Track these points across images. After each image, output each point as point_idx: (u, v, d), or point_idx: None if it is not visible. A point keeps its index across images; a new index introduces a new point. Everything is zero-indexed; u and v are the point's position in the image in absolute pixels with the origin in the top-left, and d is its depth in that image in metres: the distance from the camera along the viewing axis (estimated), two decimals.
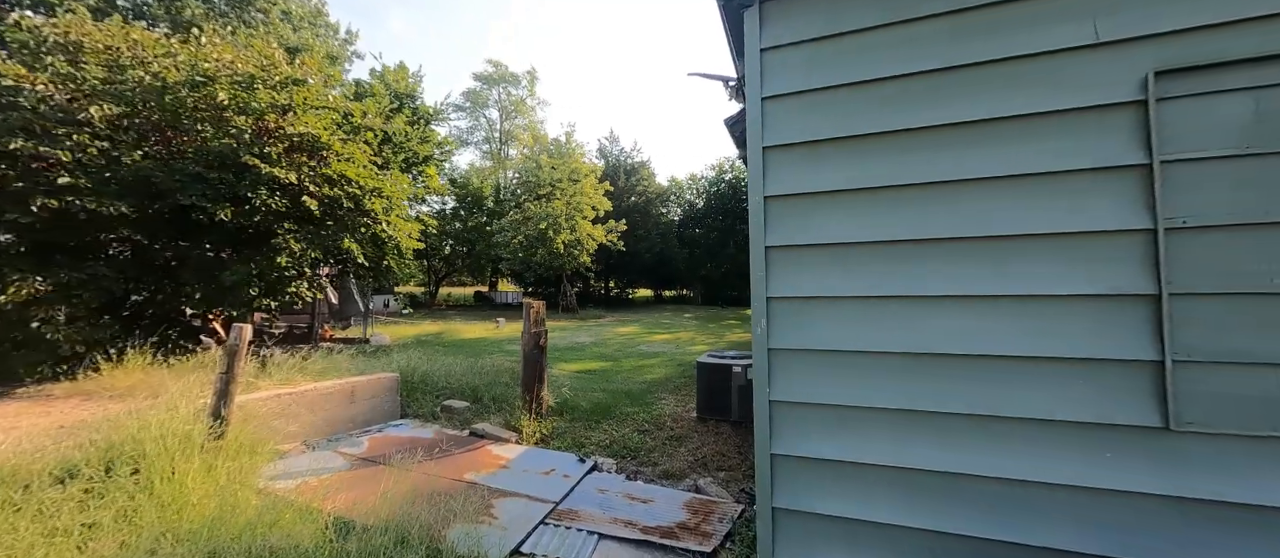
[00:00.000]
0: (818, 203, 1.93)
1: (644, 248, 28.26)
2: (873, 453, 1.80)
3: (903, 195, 1.83)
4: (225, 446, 3.20)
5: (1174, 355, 1.52)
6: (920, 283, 1.78)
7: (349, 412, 4.61)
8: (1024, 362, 1.67)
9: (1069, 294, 1.63)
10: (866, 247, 1.86)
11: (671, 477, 4.39)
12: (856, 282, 1.86)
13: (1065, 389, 1.62)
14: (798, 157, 1.97)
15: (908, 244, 1.81)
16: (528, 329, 5.30)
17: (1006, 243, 1.70)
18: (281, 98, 6.81)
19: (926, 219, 1.79)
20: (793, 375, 1.93)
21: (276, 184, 6.57)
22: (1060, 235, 1.65)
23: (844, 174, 1.90)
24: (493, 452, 4.38)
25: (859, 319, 1.85)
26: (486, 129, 39.27)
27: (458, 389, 6.11)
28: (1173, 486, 1.51)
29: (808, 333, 1.91)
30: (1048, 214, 1.66)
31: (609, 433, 5.35)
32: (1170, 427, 1.51)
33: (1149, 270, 1.56)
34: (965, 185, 1.75)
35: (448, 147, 25.80)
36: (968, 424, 1.71)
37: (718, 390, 5.80)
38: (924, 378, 1.76)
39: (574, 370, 9.21)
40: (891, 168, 1.84)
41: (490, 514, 3.27)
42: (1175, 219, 1.54)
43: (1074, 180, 1.64)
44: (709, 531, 3.27)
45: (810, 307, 1.92)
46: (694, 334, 15.52)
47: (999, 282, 1.70)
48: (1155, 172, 1.55)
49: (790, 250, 1.96)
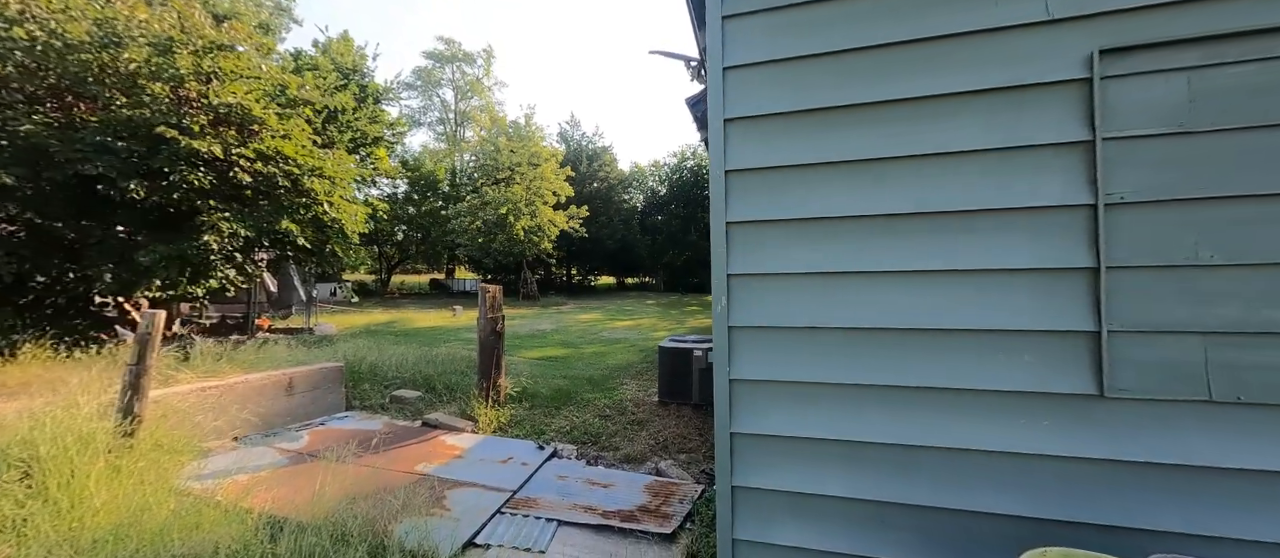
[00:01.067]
0: (778, 177, 1.89)
1: (606, 235, 28.02)
2: (828, 428, 1.80)
3: (857, 170, 1.81)
4: (138, 445, 2.89)
5: (1109, 326, 1.59)
6: (874, 258, 1.78)
7: (286, 405, 4.29)
8: (972, 335, 1.70)
9: (1015, 268, 1.67)
10: (823, 222, 1.84)
11: (632, 461, 4.37)
12: (815, 257, 1.84)
13: (1010, 361, 1.67)
14: (759, 130, 1.92)
15: (862, 220, 1.80)
16: (484, 315, 5.10)
17: (956, 218, 1.72)
18: (205, 64, 6.17)
19: (880, 194, 1.78)
20: (752, 353, 1.90)
21: (199, 159, 5.99)
22: (1007, 211, 1.68)
23: (802, 148, 1.87)
24: (447, 442, 4.21)
25: (817, 295, 1.84)
26: (440, 110, 37.61)
27: (409, 379, 5.83)
28: (1106, 449, 1.58)
29: (767, 310, 1.88)
30: (997, 189, 1.69)
31: (570, 419, 5.26)
32: (1104, 394, 1.59)
33: (1089, 244, 1.62)
34: (916, 161, 1.75)
35: (399, 128, 24.46)
36: (918, 397, 1.74)
37: (679, 374, 5.82)
38: (878, 353, 1.77)
39: (535, 358, 9.03)
40: (846, 143, 1.82)
41: (442, 506, 3.12)
42: (1114, 195, 1.60)
43: (1022, 156, 1.67)
44: (669, 512, 3.27)
45: (770, 283, 1.89)
46: (656, 320, 15.59)
47: (948, 256, 1.72)
48: (1098, 148, 1.60)
49: (751, 226, 1.92)
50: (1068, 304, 1.64)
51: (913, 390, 1.74)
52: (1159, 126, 1.58)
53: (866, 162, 1.81)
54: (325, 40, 22.34)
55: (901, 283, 1.76)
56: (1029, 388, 1.66)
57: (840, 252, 1.82)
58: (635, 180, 34.73)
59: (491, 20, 67.75)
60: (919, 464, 1.73)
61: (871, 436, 1.76)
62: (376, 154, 22.32)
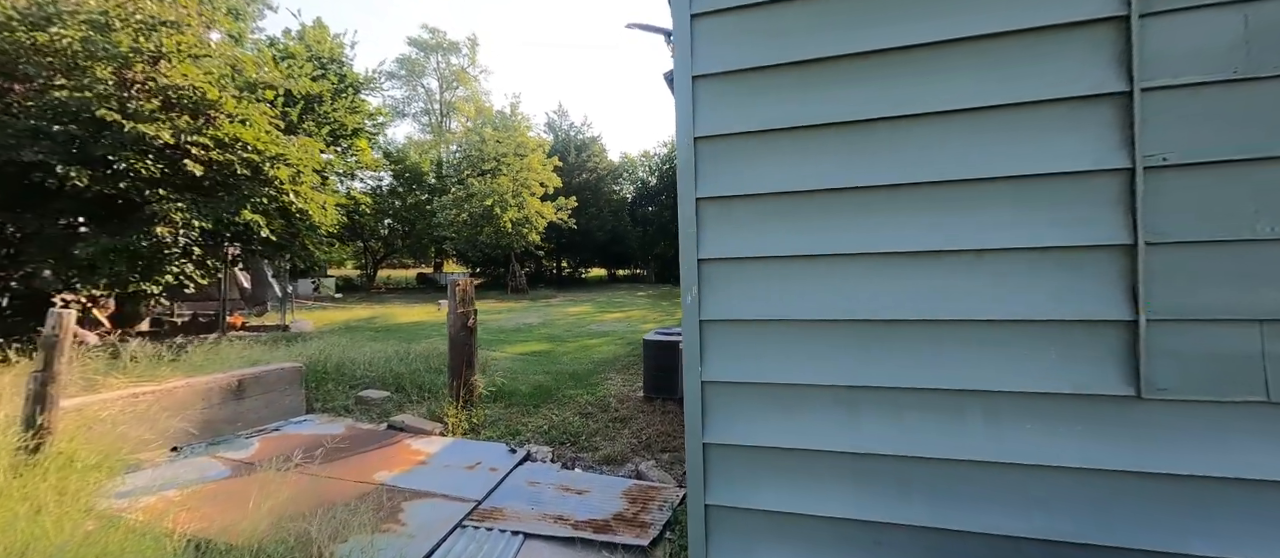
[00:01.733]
0: (754, 144, 1.61)
1: (596, 226, 27.64)
2: (816, 437, 1.54)
3: (848, 135, 1.53)
4: (47, 460, 2.57)
5: (1148, 314, 1.33)
6: (865, 237, 1.51)
7: (236, 410, 3.96)
8: (983, 327, 1.44)
9: (1034, 247, 1.41)
10: (809, 197, 1.56)
11: (612, 462, 4.11)
12: (797, 238, 1.56)
13: (1028, 357, 1.41)
14: (732, 89, 1.63)
15: (851, 193, 1.53)
16: (454, 309, 4.79)
17: (962, 189, 1.45)
18: (147, 43, 5.73)
19: (875, 162, 1.51)
20: (727, 351, 1.62)
21: (147, 145, 5.57)
22: (1023, 179, 1.41)
23: (783, 110, 1.58)
24: (411, 447, 3.91)
25: (802, 282, 1.56)
26: (425, 100, 36.78)
27: (378, 378, 5.51)
28: (1144, 460, 1.34)
29: (745, 300, 1.61)
30: (1009, 154, 1.42)
31: (548, 418, 4.99)
32: (1141, 395, 1.34)
33: (1124, 216, 1.36)
34: (917, 121, 1.48)
35: (380, 118, 23.77)
36: (920, 401, 1.47)
37: (665, 368, 5.57)
38: (875, 349, 1.51)
39: (517, 353, 8.73)
40: (835, 102, 1.54)
41: (397, 521, 2.84)
42: (1155, 157, 1.33)
43: (1042, 114, 1.40)
44: (647, 521, 3.01)
45: (747, 269, 1.61)
46: (646, 312, 15.33)
47: (956, 234, 1.45)
48: (1135, 101, 1.34)
49: (724, 203, 1.64)
50: (1097, 289, 1.38)
51: (914, 393, 1.48)
52: (1210, 73, 1.31)
53: (855, 124, 1.53)
54: (300, 28, 21.54)
55: (899, 267, 1.49)
56: (1050, 389, 1.40)
57: (827, 231, 1.55)
58: (625, 171, 34.26)
59: (477, 5, 66.32)
60: (921, 479, 1.48)
61: (866, 446, 1.50)
62: (358, 145, 21.66)
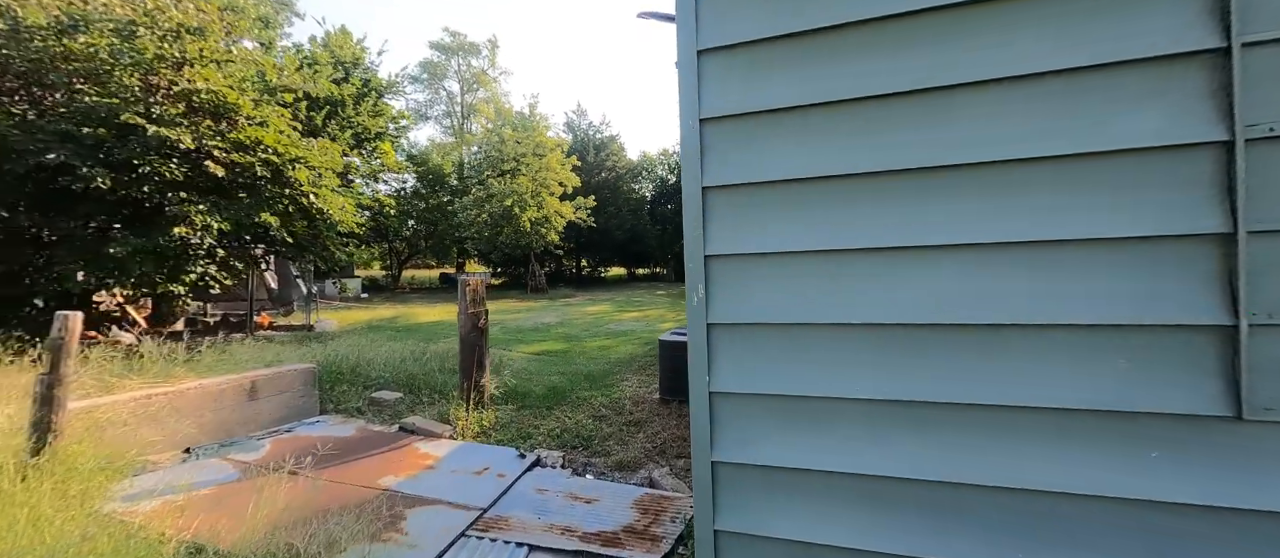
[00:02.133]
0: (767, 126, 1.42)
1: (615, 225, 27.55)
2: (844, 458, 1.34)
3: (875, 112, 1.33)
4: (54, 463, 2.56)
5: (1250, 317, 1.10)
6: (904, 230, 1.31)
7: (250, 411, 3.96)
8: (1041, 332, 1.22)
9: (1101, 238, 1.19)
10: (832, 183, 1.37)
11: (625, 468, 3.96)
12: (820, 231, 1.37)
13: (1097, 368, 1.19)
14: (742, 64, 1.45)
15: (887, 179, 1.32)
16: (464, 309, 4.71)
17: (1019, 172, 1.24)
18: (172, 50, 5.84)
19: (911, 143, 1.30)
20: (739, 358, 1.44)
21: (171, 149, 5.68)
22: (1093, 157, 1.19)
23: (802, 86, 1.39)
24: (420, 450, 3.84)
25: (822, 281, 1.37)
26: (447, 103, 37.37)
27: (392, 379, 5.49)
28: (1246, 494, 1.10)
29: (757, 301, 1.42)
30: (1078, 128, 1.20)
31: (561, 420, 4.87)
32: (1242, 415, 1.10)
33: (1219, 200, 1.12)
34: (962, 94, 1.27)
35: (403, 121, 24.19)
36: (967, 419, 1.27)
37: (681, 370, 5.39)
38: (908, 358, 1.30)
39: (533, 353, 8.67)
40: (862, 74, 1.34)
41: (398, 530, 2.74)
42: (1259, 127, 1.10)
43: (1117, 78, 1.18)
44: (659, 534, 2.84)
45: (760, 267, 1.43)
46: (665, 311, 15.14)
47: (1008, 224, 1.24)
48: (1234, 60, 1.10)
49: (734, 192, 1.46)
50: (1184, 287, 1.15)
51: (956, 409, 1.27)
52: None
53: (886, 99, 1.33)
54: (324, 34, 22.07)
55: (940, 264, 1.29)
56: (1124, 407, 1.18)
57: (853, 223, 1.35)
58: (644, 170, 34.08)
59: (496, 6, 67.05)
60: (964, 508, 1.27)
61: (900, 470, 1.30)
62: (382, 148, 22.09)
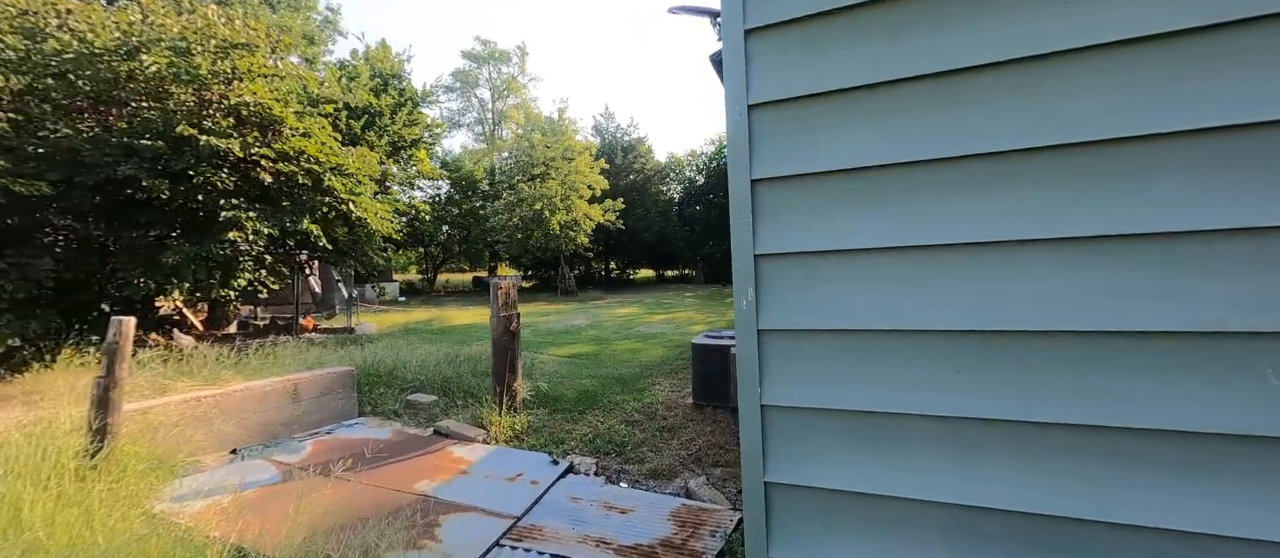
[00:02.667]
0: (827, 109, 1.28)
1: (643, 227, 27.49)
2: (922, 485, 1.18)
3: (957, 88, 1.17)
4: (109, 464, 2.64)
5: None
6: (993, 222, 1.14)
7: (292, 413, 4.05)
8: (1164, 342, 1.03)
9: (1243, 228, 0.99)
10: (905, 172, 1.21)
11: (659, 477, 3.83)
12: (893, 225, 1.21)
13: (1234, 385, 0.99)
14: (797, 42, 1.31)
15: (967, 164, 1.16)
16: (496, 313, 4.70)
17: (1139, 151, 1.05)
18: (224, 66, 6.11)
19: (1000, 121, 1.13)
20: (794, 368, 1.30)
21: (222, 159, 5.94)
22: (1231, 131, 0.99)
23: (864, 65, 1.24)
24: (454, 454, 3.83)
25: (895, 282, 1.21)
26: (479, 110, 38.27)
27: (428, 381, 5.55)
28: None
29: (818, 305, 1.28)
30: (1213, 98, 1.00)
31: (593, 425, 4.79)
32: None
33: None
34: (1066, 60, 1.09)
35: (437, 129, 24.92)
36: (1073, 441, 1.08)
37: (715, 374, 5.23)
38: (1002, 369, 1.13)
39: (564, 355, 8.66)
40: (942, 45, 1.18)
41: (432, 537, 2.71)
42: None
43: (1266, 35, 0.98)
44: (697, 548, 2.70)
45: (819, 267, 1.28)
46: (694, 313, 14.94)
47: (1127, 214, 1.05)
48: None
49: (788, 184, 1.32)
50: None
51: (1061, 431, 1.09)
52: None
53: (973, 72, 1.16)
54: (365, 49, 22.97)
55: (1046, 258, 1.11)
56: (1270, 431, 0.97)
57: (933, 214, 1.19)
58: (672, 171, 33.92)
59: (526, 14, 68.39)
60: (1069, 547, 1.09)
61: (990, 499, 1.13)
62: (417, 156, 22.80)
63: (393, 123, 19.81)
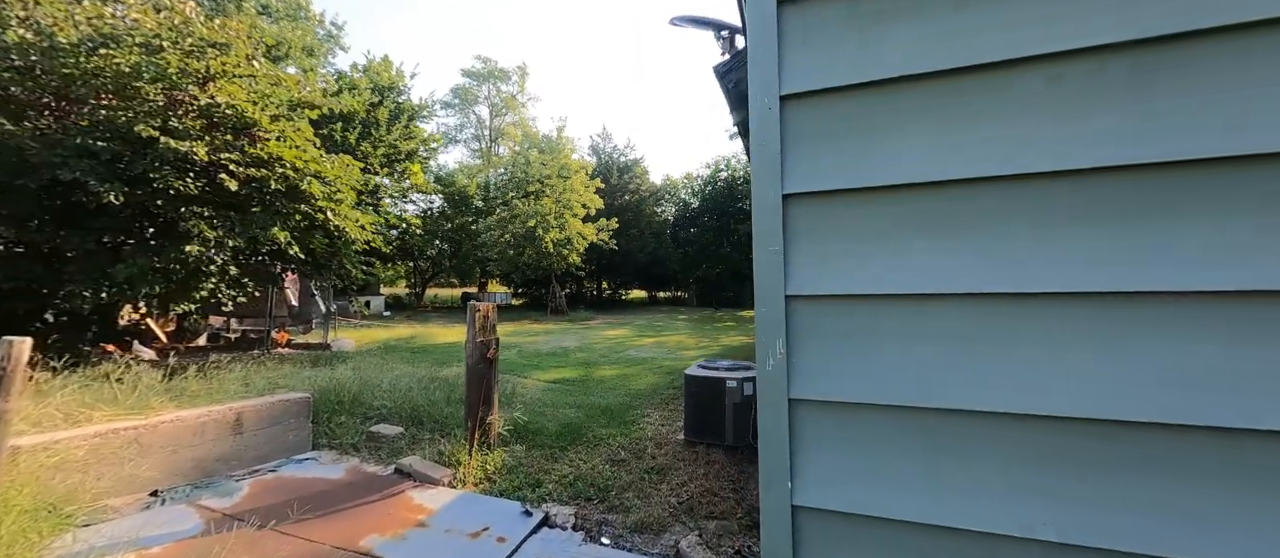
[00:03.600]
0: (884, 104, 0.94)
1: (637, 248, 27.27)
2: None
3: (1074, 73, 0.83)
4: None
5: None
6: (1133, 264, 0.79)
7: (233, 446, 3.58)
8: None
9: None
10: (997, 187, 0.87)
11: (646, 530, 3.38)
12: (976, 262, 0.86)
13: None
14: (841, 15, 0.98)
15: (1074, 181, 0.82)
16: (473, 338, 4.29)
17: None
18: (197, 65, 5.77)
19: (1125, 124, 0.80)
20: (839, 458, 0.93)
21: (187, 163, 5.53)
22: None
23: (942, 43, 0.91)
24: (412, 500, 3.36)
25: (991, 343, 0.85)
26: (476, 126, 38.28)
27: (396, 409, 5.07)
28: None
29: (877, 369, 0.91)
30: None
31: (575, 464, 4.34)
32: None
33: None
34: (1199, 43, 0.76)
35: (433, 143, 24.72)
36: None
37: (708, 408, 4.82)
38: (1128, 477, 0.77)
39: (549, 380, 8.19)
40: (1047, 17, 0.85)
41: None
42: None
43: None
44: None
45: (881, 316, 0.92)
46: (685, 337, 14.54)
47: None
48: None
49: (834, 201, 0.97)
50: None
51: None
52: None
53: (1066, 56, 0.83)
54: (366, 62, 22.89)
55: (1198, 319, 0.76)
56: None
57: (1037, 249, 0.84)
58: (667, 193, 33.93)
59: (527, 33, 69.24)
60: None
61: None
62: (411, 169, 22.51)
63: (388, 134, 19.55)
